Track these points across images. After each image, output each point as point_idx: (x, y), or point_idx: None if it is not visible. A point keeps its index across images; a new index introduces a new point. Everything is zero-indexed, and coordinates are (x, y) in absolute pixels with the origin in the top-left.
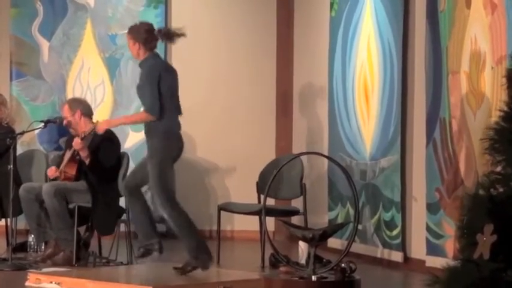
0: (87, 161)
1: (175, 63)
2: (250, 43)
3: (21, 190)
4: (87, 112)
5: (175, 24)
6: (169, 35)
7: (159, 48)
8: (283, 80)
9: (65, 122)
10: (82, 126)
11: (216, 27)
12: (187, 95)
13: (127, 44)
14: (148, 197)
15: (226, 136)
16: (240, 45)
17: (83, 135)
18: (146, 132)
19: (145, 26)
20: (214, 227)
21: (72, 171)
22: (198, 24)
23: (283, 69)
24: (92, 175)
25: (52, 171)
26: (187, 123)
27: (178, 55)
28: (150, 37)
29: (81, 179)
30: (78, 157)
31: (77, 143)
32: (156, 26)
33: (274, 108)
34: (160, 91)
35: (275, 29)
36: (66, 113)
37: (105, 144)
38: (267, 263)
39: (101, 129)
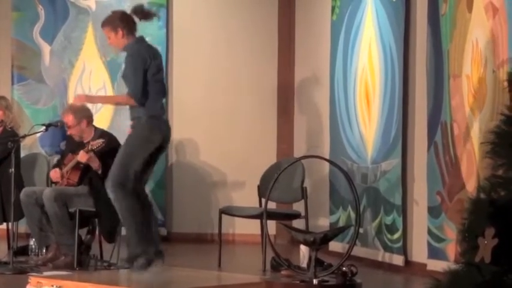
0: (99, 171)
1: (176, 65)
2: (251, 46)
3: (22, 195)
4: (91, 119)
5: (176, 27)
6: (144, 13)
7: (161, 52)
8: (285, 83)
9: (69, 131)
10: (87, 133)
11: (217, 30)
12: (188, 98)
13: (107, 41)
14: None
15: (227, 139)
16: (241, 49)
17: (90, 148)
18: (131, 119)
19: (117, 13)
20: (216, 231)
21: (76, 178)
22: (199, 28)
23: (285, 73)
24: (102, 183)
25: (56, 174)
26: (189, 127)
27: (180, 57)
28: (128, 19)
29: (82, 185)
30: (81, 165)
31: (83, 156)
32: (156, 30)
33: (275, 111)
34: (147, 78)
35: (276, 32)
36: (70, 122)
37: (112, 155)
38: (268, 266)
39: (77, 100)
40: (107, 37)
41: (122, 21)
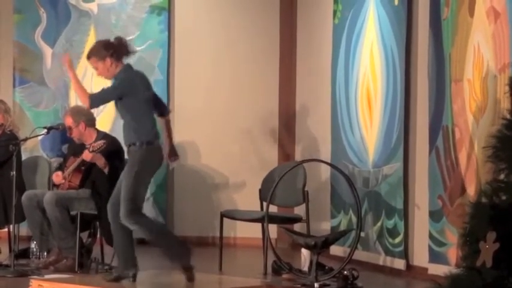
0: (106, 169)
1: (177, 70)
2: (253, 50)
3: (23, 198)
4: (91, 122)
5: (178, 31)
6: (128, 47)
7: (162, 55)
8: (286, 86)
9: (68, 133)
10: (87, 136)
11: (218, 34)
12: (189, 101)
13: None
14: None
15: (229, 143)
16: (242, 52)
17: (92, 149)
18: (126, 145)
19: (100, 42)
20: (217, 234)
21: (77, 180)
22: (201, 31)
23: (286, 77)
24: (108, 183)
25: (59, 178)
26: (190, 130)
27: (181, 62)
28: (113, 46)
29: (84, 188)
30: (83, 167)
31: (87, 155)
32: (158, 33)
33: (277, 115)
34: (130, 102)
35: (278, 36)
36: (70, 124)
37: (114, 157)
38: (269, 270)
39: (64, 60)
40: (94, 68)
41: (108, 49)
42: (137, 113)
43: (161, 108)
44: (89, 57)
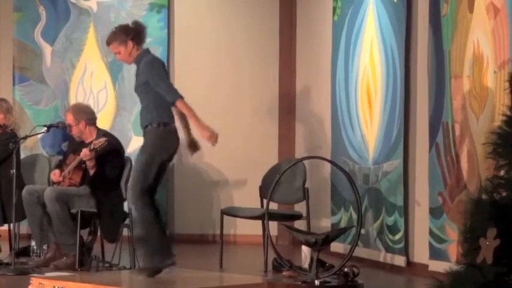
0: (92, 171)
1: (177, 66)
2: (252, 47)
3: (24, 192)
4: (92, 121)
5: (177, 28)
6: (143, 31)
7: (162, 53)
8: (286, 84)
9: (68, 130)
10: (87, 134)
11: (218, 31)
12: (189, 99)
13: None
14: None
15: (228, 140)
16: (242, 49)
17: (92, 147)
18: (143, 127)
19: (119, 27)
20: (217, 231)
21: (78, 178)
22: (201, 28)
23: (286, 73)
24: (96, 184)
25: (56, 176)
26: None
27: (181, 58)
28: (133, 31)
29: (84, 185)
30: (84, 165)
31: (85, 154)
32: (158, 30)
33: (277, 112)
34: (151, 85)
35: (278, 33)
36: (70, 121)
37: (113, 156)
38: (270, 267)
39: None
40: (115, 53)
41: (128, 34)
42: (156, 95)
43: None
44: (109, 43)
